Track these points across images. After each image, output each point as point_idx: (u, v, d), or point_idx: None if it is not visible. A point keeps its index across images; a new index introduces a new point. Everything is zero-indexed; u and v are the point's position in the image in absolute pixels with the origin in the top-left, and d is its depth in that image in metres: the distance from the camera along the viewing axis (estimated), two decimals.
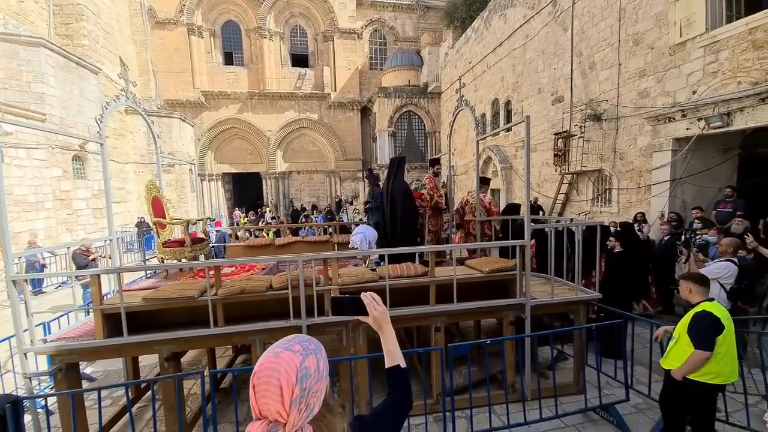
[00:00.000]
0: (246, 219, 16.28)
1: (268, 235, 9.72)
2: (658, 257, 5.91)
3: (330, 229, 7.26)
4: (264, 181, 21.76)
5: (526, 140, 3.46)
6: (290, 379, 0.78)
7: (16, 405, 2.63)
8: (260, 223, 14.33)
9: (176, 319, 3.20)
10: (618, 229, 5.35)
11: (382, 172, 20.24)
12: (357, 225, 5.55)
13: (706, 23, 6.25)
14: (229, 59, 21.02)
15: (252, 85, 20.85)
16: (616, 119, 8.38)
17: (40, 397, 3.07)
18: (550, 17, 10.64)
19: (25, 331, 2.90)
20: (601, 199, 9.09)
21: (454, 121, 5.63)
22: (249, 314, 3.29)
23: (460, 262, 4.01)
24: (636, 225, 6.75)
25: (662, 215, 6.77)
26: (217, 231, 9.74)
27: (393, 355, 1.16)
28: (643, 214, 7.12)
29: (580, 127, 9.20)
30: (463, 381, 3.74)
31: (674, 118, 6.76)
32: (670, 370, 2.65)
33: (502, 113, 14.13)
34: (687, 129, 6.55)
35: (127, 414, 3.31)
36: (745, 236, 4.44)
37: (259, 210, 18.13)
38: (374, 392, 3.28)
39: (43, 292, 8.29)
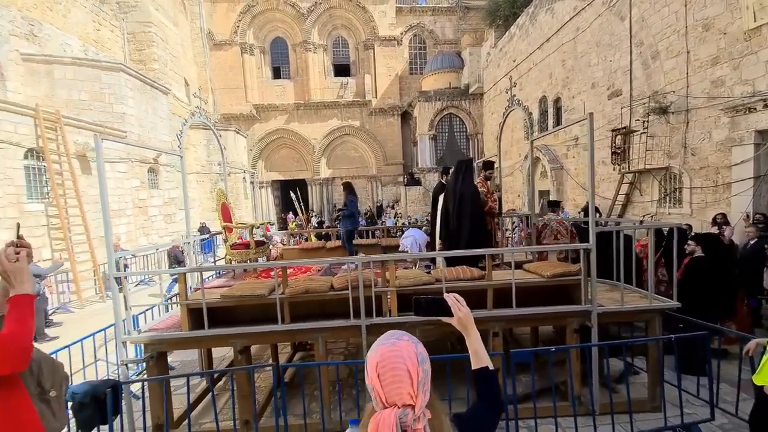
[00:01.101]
0: (294, 223, 17.08)
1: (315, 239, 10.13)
2: (743, 263, 5.29)
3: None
4: (309, 187, 22.67)
5: (590, 139, 3.30)
6: (414, 362, 0.85)
7: (115, 389, 2.99)
8: (307, 227, 14.95)
9: (245, 316, 3.46)
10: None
11: (423, 175, 20.21)
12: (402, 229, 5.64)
13: None
14: (277, 73, 22.34)
15: (298, 96, 21.93)
16: (686, 112, 7.66)
17: (136, 381, 3.46)
18: (604, 7, 10.03)
19: (123, 320, 3.31)
20: (670, 200, 8.33)
21: (504, 122, 5.51)
22: (310, 313, 3.45)
23: (518, 265, 3.90)
24: (716, 227, 6.10)
25: (747, 216, 6.06)
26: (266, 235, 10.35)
27: (480, 357, 1.12)
28: (723, 215, 6.39)
29: (643, 122, 8.53)
30: (523, 390, 3.62)
31: (755, 109, 6.06)
32: (762, 386, 2.40)
33: (550, 111, 13.52)
34: None
35: (207, 397, 3.65)
36: None
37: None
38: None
39: None
